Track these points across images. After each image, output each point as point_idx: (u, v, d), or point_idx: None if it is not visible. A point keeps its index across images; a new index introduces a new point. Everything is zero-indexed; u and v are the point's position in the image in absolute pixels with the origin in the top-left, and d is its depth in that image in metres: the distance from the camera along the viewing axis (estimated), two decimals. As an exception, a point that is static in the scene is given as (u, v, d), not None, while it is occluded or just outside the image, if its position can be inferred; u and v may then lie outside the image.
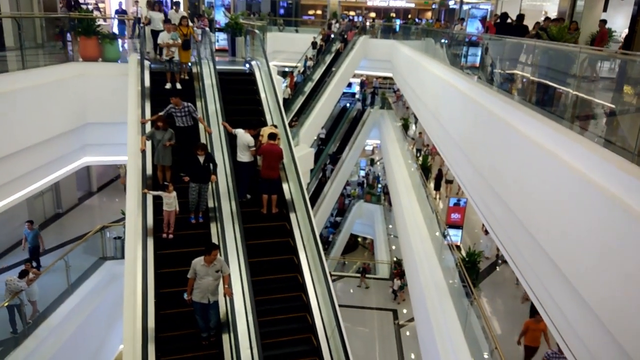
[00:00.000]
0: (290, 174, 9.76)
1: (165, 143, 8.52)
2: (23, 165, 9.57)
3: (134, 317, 6.62)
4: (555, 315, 5.66)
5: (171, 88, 10.83)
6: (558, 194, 5.38)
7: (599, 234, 4.52)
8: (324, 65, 22.32)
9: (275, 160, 9.06)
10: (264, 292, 7.83)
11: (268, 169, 9.02)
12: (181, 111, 9.21)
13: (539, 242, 5.78)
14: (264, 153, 9.01)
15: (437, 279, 11.44)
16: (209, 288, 6.64)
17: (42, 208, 18.32)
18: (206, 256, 6.52)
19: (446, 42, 15.26)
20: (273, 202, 9.16)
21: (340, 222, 30.54)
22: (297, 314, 7.86)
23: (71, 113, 10.72)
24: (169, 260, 7.79)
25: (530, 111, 6.62)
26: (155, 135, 8.58)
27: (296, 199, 9.37)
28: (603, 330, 4.41)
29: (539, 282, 6.08)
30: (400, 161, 20.28)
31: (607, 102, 6.63)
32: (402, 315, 19.75)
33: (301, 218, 8.97)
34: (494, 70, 10.31)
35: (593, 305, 4.58)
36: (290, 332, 7.66)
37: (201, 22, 15.80)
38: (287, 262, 8.54)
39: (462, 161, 9.65)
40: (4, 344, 9.25)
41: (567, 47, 7.81)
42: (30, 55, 10.59)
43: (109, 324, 11.50)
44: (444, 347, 9.65)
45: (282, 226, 9.04)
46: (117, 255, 12.04)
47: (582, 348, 5.00)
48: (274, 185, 9.18)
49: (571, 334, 5.22)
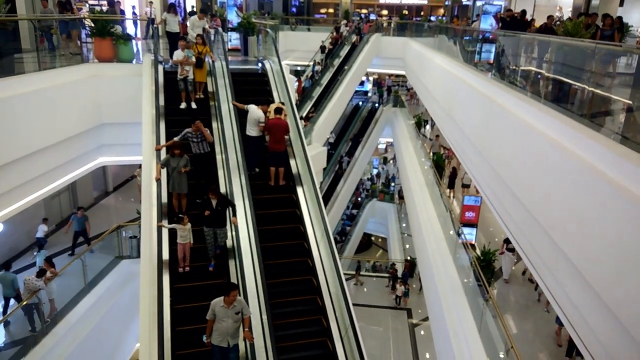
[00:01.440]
0: (302, 169, 9.77)
1: (180, 169, 8.10)
2: (40, 166, 9.70)
3: (150, 315, 6.67)
4: (571, 314, 5.59)
5: (186, 107, 10.48)
6: (575, 192, 5.30)
7: (617, 232, 4.45)
8: (332, 69, 22.05)
9: (282, 133, 9.45)
10: (272, 257, 8.22)
11: (275, 142, 9.40)
12: (197, 136, 8.68)
13: (554, 240, 5.71)
14: (270, 127, 9.37)
15: (451, 278, 11.36)
16: (228, 331, 6.25)
17: (58, 208, 18.55)
18: (225, 297, 6.16)
19: (459, 39, 15.15)
20: (280, 175, 9.53)
21: (356, 215, 30.73)
22: (304, 276, 8.32)
23: (87, 114, 10.84)
24: (186, 295, 7.47)
25: (547, 108, 6.53)
26: (170, 162, 8.17)
27: (302, 174, 9.72)
28: (622, 329, 4.34)
29: (553, 278, 6.01)
30: (413, 159, 20.18)
31: (625, 98, 6.51)
32: (416, 314, 19.67)
33: (307, 190, 9.36)
34: (508, 67, 10.21)
35: (611, 306, 4.51)
36: (296, 293, 8.14)
37: (214, 22, 15.87)
38: (293, 231, 8.93)
39: (477, 159, 9.56)
40: (23, 342, 9.39)
41: (583, 42, 7.70)
42: (45, 57, 10.76)
43: (125, 323, 11.61)
44: (458, 346, 9.59)
45: (289, 197, 9.45)
46: (133, 255, 12.15)
47: (598, 346, 4.94)
48: (281, 158, 9.56)
49: (591, 336, 5.15)
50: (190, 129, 8.62)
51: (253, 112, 9.42)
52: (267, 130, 9.44)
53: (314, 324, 7.71)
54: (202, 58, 10.55)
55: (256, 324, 6.89)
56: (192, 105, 10.53)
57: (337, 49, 23.45)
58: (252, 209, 8.21)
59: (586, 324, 5.20)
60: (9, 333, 9.86)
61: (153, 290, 6.94)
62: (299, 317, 7.80)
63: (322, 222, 8.52)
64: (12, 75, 9.11)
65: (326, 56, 23.13)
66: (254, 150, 9.53)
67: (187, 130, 8.63)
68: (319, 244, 8.44)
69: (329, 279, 7.96)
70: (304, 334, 7.61)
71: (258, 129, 9.44)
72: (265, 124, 9.42)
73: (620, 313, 4.39)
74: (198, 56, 10.43)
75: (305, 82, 21.84)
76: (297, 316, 7.81)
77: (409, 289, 20.57)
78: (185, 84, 10.36)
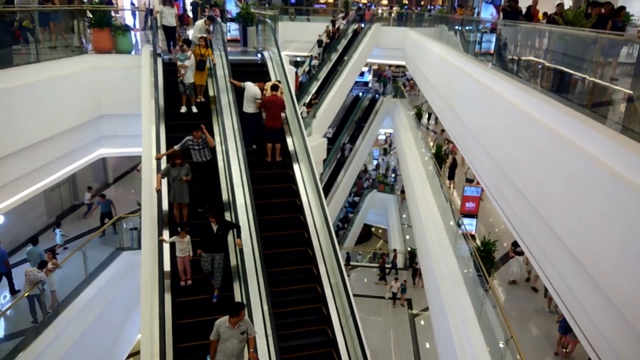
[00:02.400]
0: (303, 162, 9.76)
1: (181, 178, 7.83)
2: (40, 158, 9.70)
3: (151, 306, 6.69)
4: (573, 306, 5.60)
5: (186, 112, 10.17)
6: (576, 182, 5.29)
7: (618, 223, 4.45)
8: (330, 63, 21.78)
9: (278, 110, 9.65)
10: (270, 229, 8.46)
11: (271, 119, 9.60)
12: (199, 144, 8.36)
13: (555, 231, 5.72)
14: (267, 104, 9.57)
15: (451, 269, 11.39)
16: (233, 352, 5.96)
17: (59, 200, 18.56)
18: (231, 317, 5.84)
19: (460, 29, 15.05)
20: (277, 151, 9.75)
21: (358, 202, 31.00)
22: (300, 247, 8.52)
23: (86, 105, 10.81)
24: (189, 310, 7.29)
25: (547, 98, 6.51)
26: (170, 172, 7.87)
27: (299, 151, 9.88)
28: (624, 321, 4.36)
29: (554, 270, 6.02)
30: (413, 150, 20.16)
31: (626, 88, 6.48)
32: (416, 304, 19.75)
33: (304, 167, 9.56)
34: (508, 57, 10.16)
35: (612, 297, 4.52)
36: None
37: (213, 12, 15.76)
38: (290, 204, 9.17)
39: (477, 149, 9.55)
40: (25, 333, 9.44)
41: (583, 31, 7.63)
42: (44, 48, 10.69)
43: (126, 314, 11.66)
44: (459, 336, 9.63)
45: (286, 173, 9.70)
46: (134, 246, 12.17)
47: (602, 340, 4.96)
48: (277, 135, 9.77)
49: (591, 326, 5.17)
50: (190, 136, 8.31)
51: (250, 89, 9.64)
52: (264, 107, 9.65)
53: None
54: (204, 60, 10.14)
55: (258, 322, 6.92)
56: (193, 109, 10.25)
57: (334, 43, 23.13)
58: (250, 186, 8.36)
59: (591, 321, 5.22)
60: (12, 323, 9.90)
61: (154, 281, 6.96)
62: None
63: (318, 196, 8.78)
64: (11, 66, 9.08)
65: (323, 50, 22.86)
66: (251, 127, 9.72)
67: (188, 138, 8.32)
68: (314, 216, 8.66)
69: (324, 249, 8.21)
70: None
71: (255, 106, 9.67)
72: (261, 101, 9.62)
73: (621, 304, 4.41)
74: (200, 59, 10.05)
75: (303, 76, 21.40)
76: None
77: (406, 285, 20.13)
78: (184, 87, 10.02)
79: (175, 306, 7.09)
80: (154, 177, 8.32)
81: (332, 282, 7.82)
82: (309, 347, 7.38)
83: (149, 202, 8.01)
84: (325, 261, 8.07)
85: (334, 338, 7.22)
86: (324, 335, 7.50)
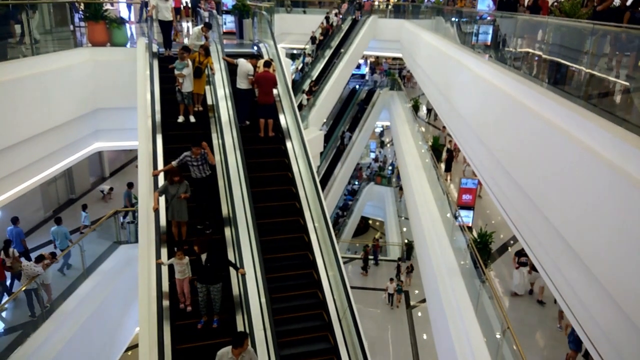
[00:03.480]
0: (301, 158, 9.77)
1: (180, 195, 7.50)
2: (35, 152, 9.66)
3: (149, 299, 6.71)
4: (569, 297, 5.64)
5: (184, 121, 9.81)
6: (571, 173, 5.31)
7: (613, 214, 4.47)
8: (323, 60, 21.46)
9: (270, 85, 9.96)
10: (263, 200, 8.86)
11: (264, 94, 9.90)
12: (197, 160, 7.93)
13: (551, 222, 5.74)
14: (259, 80, 9.88)
15: (448, 260, 11.44)
16: None
17: (55, 194, 18.54)
18: (234, 349, 5.62)
19: (456, 21, 15.01)
20: (269, 126, 10.02)
21: (358, 189, 31.56)
22: (293, 217, 9.00)
23: (81, 99, 10.75)
24: (190, 334, 7.06)
25: (544, 90, 6.51)
26: (168, 189, 7.54)
27: (291, 127, 10.24)
28: (619, 311, 4.39)
29: (550, 260, 6.05)
30: (410, 142, 20.17)
31: (621, 78, 6.49)
32: (413, 296, 19.85)
33: (296, 144, 9.90)
34: (505, 48, 10.14)
35: (608, 287, 4.55)
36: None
37: (208, 4, 15.67)
38: (282, 177, 9.55)
39: (474, 141, 9.56)
40: (23, 327, 9.45)
41: (580, 23, 7.63)
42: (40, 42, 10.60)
43: (125, 307, 11.68)
44: (455, 328, 9.69)
45: (278, 148, 10.04)
46: (131, 240, 12.17)
47: (597, 330, 4.99)
48: (270, 110, 10.05)
49: (586, 316, 5.20)
50: (188, 152, 7.87)
51: (243, 66, 9.92)
52: (257, 83, 9.93)
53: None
54: (202, 69, 9.75)
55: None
56: (191, 119, 9.88)
57: (328, 40, 22.68)
58: (243, 161, 8.60)
59: (580, 303, 5.26)
60: (10, 318, 9.91)
61: (151, 274, 6.97)
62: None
63: (309, 169, 9.21)
64: (5, 60, 9.01)
65: (317, 47, 22.41)
66: (244, 103, 10.03)
67: (186, 154, 7.89)
68: (306, 189, 9.06)
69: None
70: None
71: (247, 82, 9.94)
72: (254, 77, 9.89)
73: (616, 294, 4.44)
74: (198, 66, 9.65)
75: (295, 74, 20.78)
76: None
77: (402, 286, 19.54)
78: (181, 96, 9.63)
79: (173, 330, 6.85)
80: (151, 170, 8.31)
81: (330, 274, 7.89)
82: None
83: (146, 196, 8.00)
84: (322, 251, 8.19)
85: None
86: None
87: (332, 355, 7.12)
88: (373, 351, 12.32)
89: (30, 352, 8.73)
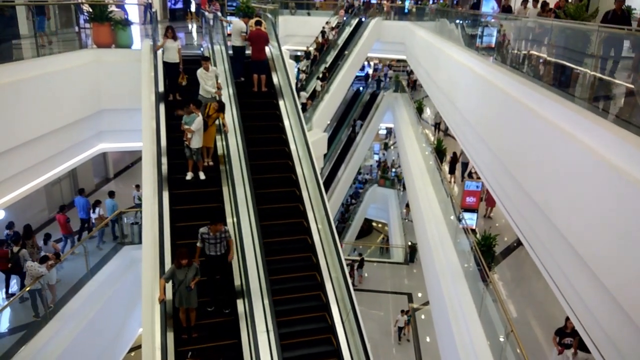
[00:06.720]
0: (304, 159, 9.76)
1: (190, 284, 6.58)
2: (41, 153, 9.69)
3: (152, 300, 6.71)
4: (573, 299, 5.61)
5: (192, 179, 8.79)
6: (578, 178, 5.29)
7: (619, 218, 4.45)
8: (319, 75, 20.61)
9: (262, 43, 10.96)
10: (258, 158, 9.36)
11: (256, 51, 10.85)
12: (216, 237, 7.00)
13: (555, 224, 5.71)
14: (252, 37, 10.89)
15: (452, 263, 11.41)
16: None
17: (60, 194, 18.58)
18: None
19: (461, 23, 15.00)
20: (262, 82, 10.90)
21: (366, 181, 32.23)
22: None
23: (86, 100, 10.79)
24: None
25: (548, 92, 6.49)
26: (176, 274, 6.61)
27: (283, 86, 11.07)
28: (625, 316, 4.36)
29: (555, 264, 6.03)
30: (414, 145, 20.14)
31: (626, 81, 6.46)
32: (417, 298, 19.81)
33: (288, 104, 10.68)
34: (509, 51, 10.12)
35: (612, 289, 4.52)
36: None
37: (213, 6, 15.71)
38: (274, 127, 10.42)
39: (478, 143, 9.53)
40: (27, 328, 9.48)
41: (585, 25, 7.61)
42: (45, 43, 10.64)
43: (128, 308, 11.70)
44: (459, 331, 9.66)
45: (270, 102, 10.92)
46: (135, 241, 12.20)
47: (600, 332, 4.96)
48: (262, 66, 10.94)
49: (591, 320, 5.17)
50: (205, 228, 7.01)
51: (237, 24, 11.14)
52: (250, 41, 10.90)
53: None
54: (209, 123, 8.73)
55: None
56: (200, 176, 8.86)
57: (323, 56, 21.92)
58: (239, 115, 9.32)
59: (584, 305, 5.23)
60: (14, 318, 9.95)
61: (155, 276, 6.97)
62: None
63: (301, 130, 9.89)
64: (11, 61, 9.05)
65: (312, 63, 21.73)
66: (239, 60, 11.03)
67: (202, 231, 7.02)
68: (294, 133, 9.89)
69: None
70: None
71: (241, 39, 11.01)
72: (247, 34, 10.91)
73: (620, 296, 4.41)
74: (205, 119, 8.63)
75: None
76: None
77: (411, 316, 18.05)
78: (191, 152, 8.63)
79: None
80: (155, 172, 8.29)
81: (333, 275, 7.88)
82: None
83: (150, 198, 8.00)
84: (324, 247, 8.28)
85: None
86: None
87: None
88: (376, 353, 12.29)
89: (34, 352, 8.76)
